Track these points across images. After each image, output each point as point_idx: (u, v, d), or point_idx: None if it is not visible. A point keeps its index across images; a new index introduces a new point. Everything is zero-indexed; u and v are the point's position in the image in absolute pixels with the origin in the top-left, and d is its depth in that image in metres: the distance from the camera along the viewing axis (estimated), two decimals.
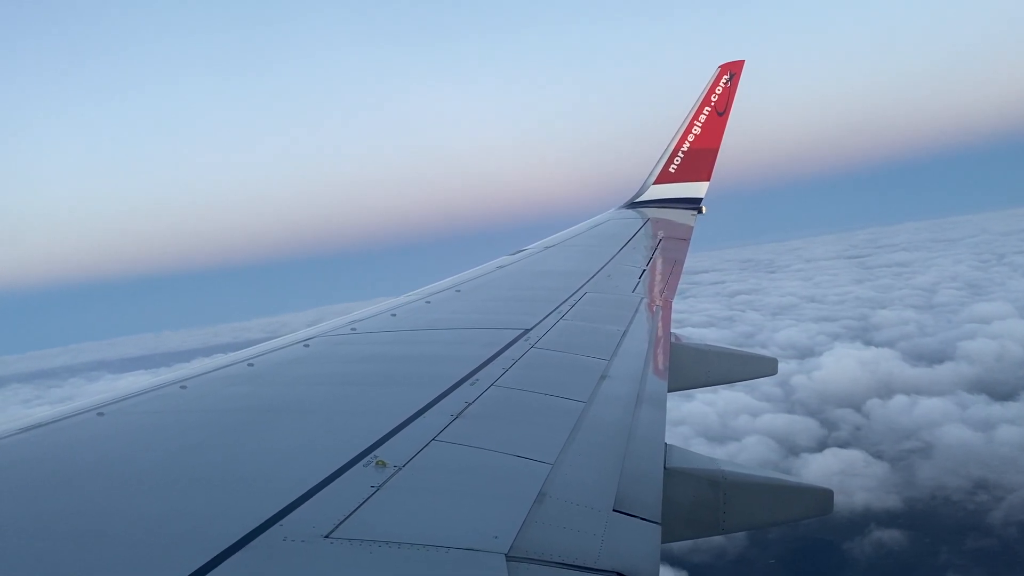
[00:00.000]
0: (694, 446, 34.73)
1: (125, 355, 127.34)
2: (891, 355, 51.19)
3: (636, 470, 3.06)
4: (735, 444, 39.05)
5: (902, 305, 67.49)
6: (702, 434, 40.20)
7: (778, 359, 6.98)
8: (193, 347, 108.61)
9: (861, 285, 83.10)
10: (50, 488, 2.63)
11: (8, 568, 2.03)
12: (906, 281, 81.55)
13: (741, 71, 11.87)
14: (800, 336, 59.63)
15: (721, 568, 29.92)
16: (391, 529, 2.26)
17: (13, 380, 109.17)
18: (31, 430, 3.20)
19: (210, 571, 1.98)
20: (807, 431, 40.77)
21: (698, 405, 43.73)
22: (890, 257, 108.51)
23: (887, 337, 56.22)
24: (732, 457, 37.33)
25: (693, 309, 76.46)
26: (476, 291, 6.91)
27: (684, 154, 11.97)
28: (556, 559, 2.24)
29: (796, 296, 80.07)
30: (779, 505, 3.74)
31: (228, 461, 2.89)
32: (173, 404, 3.65)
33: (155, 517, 2.36)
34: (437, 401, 3.50)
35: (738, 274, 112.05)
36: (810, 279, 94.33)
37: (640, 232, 10.42)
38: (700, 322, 68.01)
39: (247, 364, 4.30)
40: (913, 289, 75.34)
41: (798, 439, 39.75)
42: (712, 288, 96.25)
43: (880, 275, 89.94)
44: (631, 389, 4.12)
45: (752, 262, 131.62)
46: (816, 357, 52.47)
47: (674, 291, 7.57)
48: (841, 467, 35.75)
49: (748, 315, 71.26)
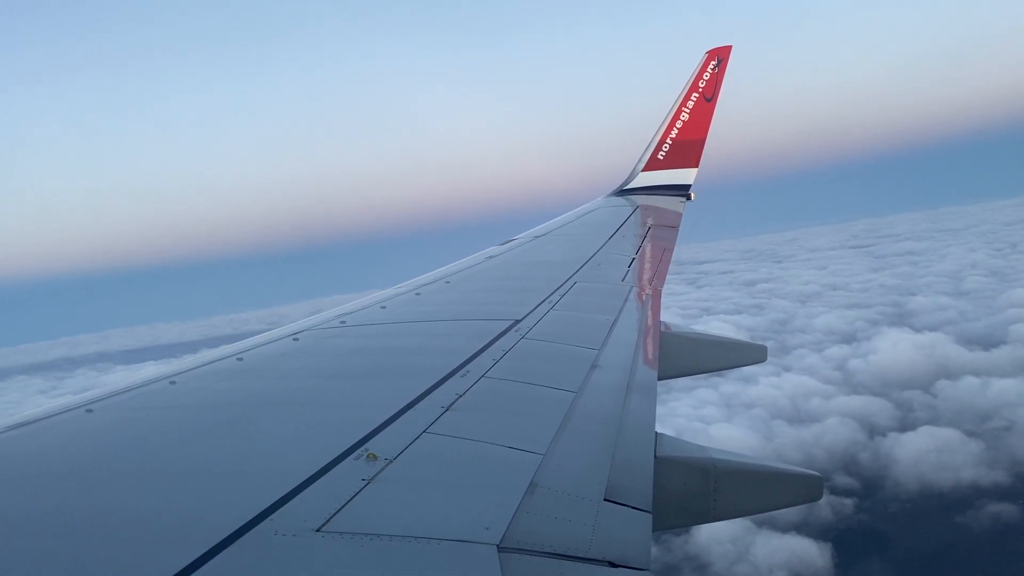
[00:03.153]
0: (775, 429, 34.98)
1: (124, 347, 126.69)
2: (943, 339, 51.75)
3: (627, 459, 3.08)
4: (817, 425, 39.76)
5: (931, 292, 68.05)
6: (778, 416, 41.08)
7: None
8: (194, 339, 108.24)
9: (880, 273, 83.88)
10: (39, 485, 2.62)
11: (0, 564, 2.02)
12: (926, 269, 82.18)
13: (728, 57, 11.87)
14: (838, 322, 60.28)
15: (864, 548, 30.53)
16: (382, 522, 2.27)
17: (15, 372, 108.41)
18: (19, 427, 3.18)
19: (201, 566, 1.97)
20: (883, 411, 41.44)
21: (765, 388, 44.71)
22: (898, 246, 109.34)
23: (929, 322, 56.83)
24: (818, 439, 38.21)
25: (715, 298, 77.55)
26: (466, 282, 6.90)
27: (672, 141, 11.97)
28: (548, 549, 2.25)
29: (817, 284, 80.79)
30: (769, 492, 3.76)
31: (218, 456, 2.89)
32: (162, 399, 3.63)
33: (145, 513, 2.35)
34: (428, 393, 3.50)
35: (744, 264, 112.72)
36: (824, 268, 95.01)
37: (629, 220, 10.43)
38: (728, 310, 69.49)
39: (236, 358, 4.29)
40: (936, 276, 75.97)
41: (876, 420, 40.40)
42: (723, 278, 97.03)
43: (895, 263, 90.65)
44: (621, 378, 4.14)
45: (754, 252, 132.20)
46: (864, 342, 53.23)
47: (663, 279, 7.59)
48: (936, 445, 36.27)
49: (775, 303, 72.06)
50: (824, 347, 53.83)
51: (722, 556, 29.84)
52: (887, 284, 76.04)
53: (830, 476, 35.47)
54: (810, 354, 52.33)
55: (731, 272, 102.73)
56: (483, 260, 7.99)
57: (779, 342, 55.91)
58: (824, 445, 38.11)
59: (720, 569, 29.35)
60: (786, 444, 38.13)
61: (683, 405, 42.37)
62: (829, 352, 52.22)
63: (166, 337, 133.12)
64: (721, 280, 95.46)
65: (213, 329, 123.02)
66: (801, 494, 3.83)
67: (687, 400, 43.15)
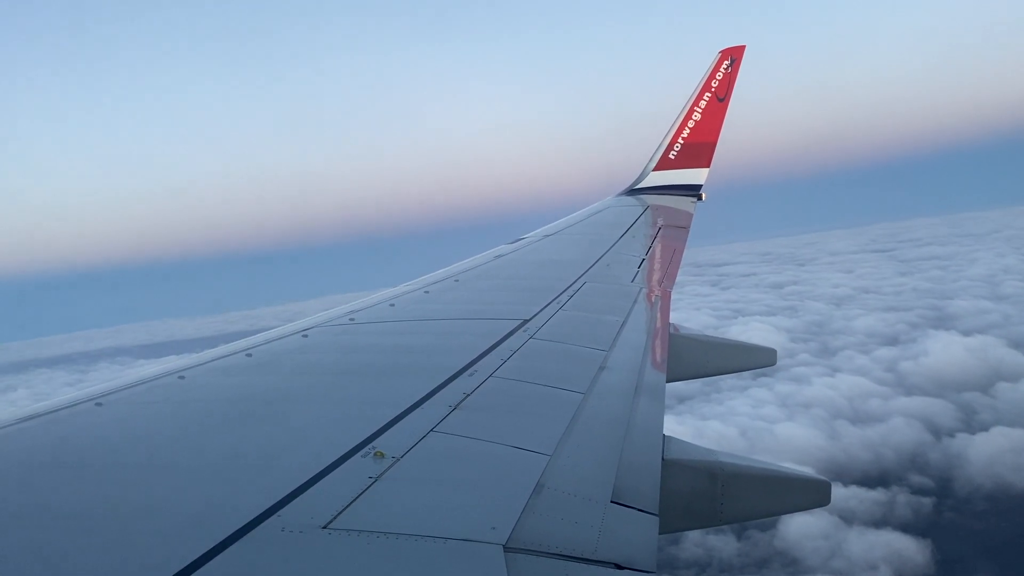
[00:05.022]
0: (839, 429, 34.49)
1: (141, 342, 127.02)
2: (993, 342, 51.35)
3: (634, 461, 3.07)
4: (880, 426, 39.70)
5: (969, 296, 67.32)
6: (839, 416, 41.01)
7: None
8: (211, 334, 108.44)
9: (910, 277, 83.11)
10: (48, 478, 2.63)
11: (7, 557, 2.03)
12: (957, 273, 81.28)
13: (742, 57, 11.81)
14: (878, 325, 60.11)
15: (963, 546, 30.36)
16: (389, 520, 2.27)
17: (33, 365, 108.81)
18: (29, 420, 3.20)
19: (208, 561, 1.98)
20: (945, 412, 41.25)
21: (820, 389, 44.71)
22: (923, 251, 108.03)
23: (975, 325, 56.35)
24: (885, 439, 38.11)
25: (744, 299, 77.32)
26: (475, 281, 6.90)
27: (684, 141, 11.92)
28: (554, 550, 2.25)
29: (848, 287, 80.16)
30: (777, 496, 3.75)
31: (226, 451, 2.90)
32: (171, 394, 3.64)
33: (153, 507, 2.36)
34: (435, 392, 3.50)
35: (766, 267, 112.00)
36: (851, 271, 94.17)
37: (640, 220, 10.40)
38: (761, 311, 69.09)
39: (245, 354, 4.30)
40: (970, 281, 75.05)
41: (939, 420, 40.23)
42: (747, 280, 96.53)
43: (923, 268, 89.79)
44: (630, 380, 4.12)
45: (771, 255, 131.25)
46: (909, 344, 53.04)
47: (673, 280, 7.56)
48: (1011, 445, 36.01)
49: (808, 305, 71.72)
50: (870, 349, 53.67)
51: (814, 551, 29.71)
52: (920, 288, 75.31)
53: (904, 475, 35.46)
54: (858, 356, 52.22)
55: (754, 274, 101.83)
56: (492, 259, 7.98)
57: (821, 344, 56.09)
58: (892, 445, 37.99)
59: (813, 564, 29.18)
60: (853, 443, 38.09)
61: (741, 404, 42.51)
62: (877, 354, 52.06)
63: (183, 332, 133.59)
64: (746, 282, 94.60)
65: (229, 325, 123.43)
66: (810, 498, 3.81)
67: (742, 400, 43.26)
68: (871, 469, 36.21)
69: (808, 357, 52.63)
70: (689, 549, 30.20)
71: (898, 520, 31.78)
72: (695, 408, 42.37)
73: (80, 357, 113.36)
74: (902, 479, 35.42)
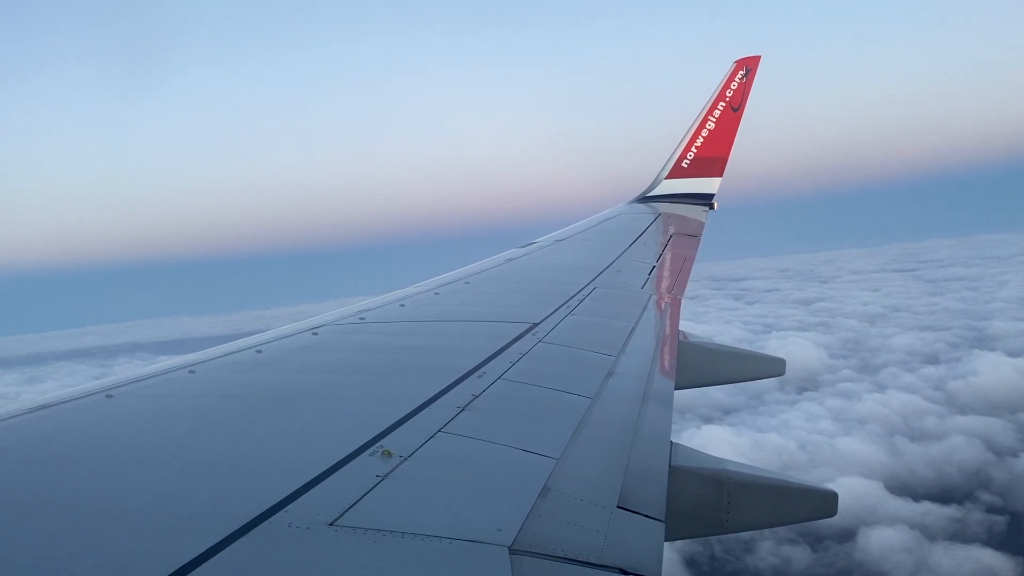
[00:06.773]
0: (897, 445, 33.81)
1: (157, 338, 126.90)
2: None
3: (641, 467, 3.06)
4: (939, 443, 39.36)
5: (1006, 317, 66.46)
6: (896, 432, 40.75)
7: (784, 361, 6.81)
8: (225, 332, 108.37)
9: (940, 297, 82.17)
10: (58, 469, 2.65)
11: (15, 548, 2.05)
12: (989, 295, 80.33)
13: (757, 67, 11.79)
14: (917, 343, 59.59)
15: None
16: (395, 519, 2.27)
17: (51, 358, 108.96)
18: (39, 410, 3.22)
19: (214, 555, 1.99)
20: (1005, 432, 40.88)
21: (872, 405, 44.42)
22: (946, 272, 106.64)
23: (1018, 346, 55.47)
24: (948, 457, 37.73)
25: (774, 315, 76.47)
26: (485, 283, 6.91)
27: (697, 149, 11.92)
28: (559, 553, 2.25)
29: (878, 305, 79.33)
30: (783, 506, 3.73)
31: (234, 447, 2.91)
32: (181, 388, 3.66)
33: (160, 501, 2.37)
34: (444, 393, 3.50)
35: (786, 283, 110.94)
36: (878, 290, 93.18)
37: (651, 227, 10.39)
38: (792, 326, 68.37)
39: (256, 351, 4.32)
40: (1005, 303, 74.16)
41: (999, 440, 39.85)
42: (770, 296, 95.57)
43: (951, 288, 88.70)
44: (638, 386, 4.12)
45: (791, 271, 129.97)
46: (953, 363, 52.55)
47: (683, 288, 7.54)
48: None
49: (840, 322, 71.02)
50: (914, 367, 53.27)
51: (898, 565, 29.36)
52: (952, 308, 74.37)
53: (972, 492, 35.04)
54: (903, 373, 51.82)
55: (776, 290, 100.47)
56: (503, 262, 7.99)
57: (861, 360, 55.75)
58: (955, 463, 37.65)
59: None
60: (915, 460, 37.84)
61: (795, 418, 42.32)
62: (922, 372, 51.69)
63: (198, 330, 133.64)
64: (770, 298, 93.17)
65: (243, 324, 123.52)
66: (816, 509, 3.79)
67: (794, 413, 43.10)
68: (936, 486, 35.90)
69: (851, 373, 52.28)
70: (765, 559, 29.86)
71: (974, 536, 31.31)
72: (746, 420, 42.18)
73: (98, 351, 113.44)
74: (971, 496, 35.04)
